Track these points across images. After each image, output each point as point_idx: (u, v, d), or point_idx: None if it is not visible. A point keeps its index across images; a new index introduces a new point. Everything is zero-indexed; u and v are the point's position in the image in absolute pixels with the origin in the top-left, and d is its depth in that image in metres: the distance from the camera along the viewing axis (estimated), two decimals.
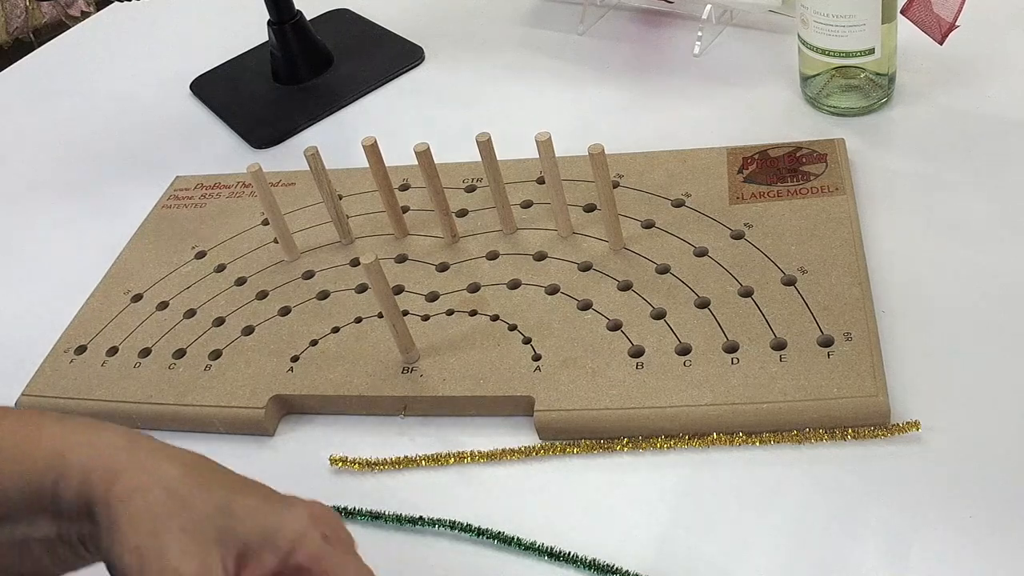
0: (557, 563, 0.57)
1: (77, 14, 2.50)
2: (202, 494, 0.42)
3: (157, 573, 0.39)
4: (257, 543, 0.42)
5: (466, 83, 0.97)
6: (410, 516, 0.60)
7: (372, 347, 0.69)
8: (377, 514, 0.61)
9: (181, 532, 0.40)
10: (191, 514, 0.41)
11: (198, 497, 0.41)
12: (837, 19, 0.75)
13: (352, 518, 0.61)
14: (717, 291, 0.67)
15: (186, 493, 0.41)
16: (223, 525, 0.41)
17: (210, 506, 0.41)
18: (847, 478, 0.57)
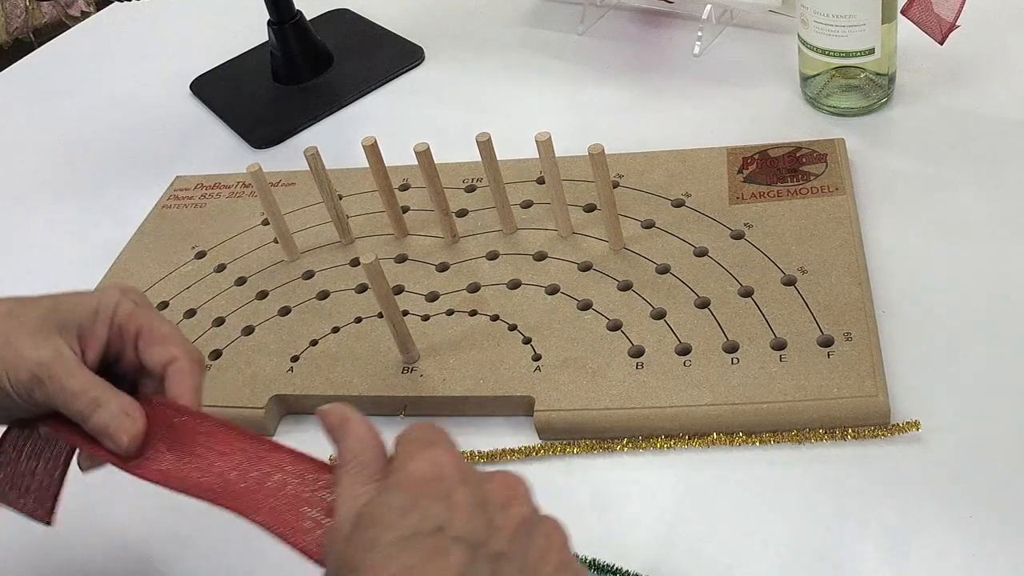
0: None
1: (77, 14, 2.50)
2: (29, 307, 0.51)
3: (20, 371, 0.48)
4: (88, 323, 0.51)
5: (466, 83, 0.97)
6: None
7: (372, 347, 0.69)
8: None
9: (27, 335, 0.49)
10: (28, 320, 0.50)
11: (28, 309, 0.51)
12: (837, 19, 0.75)
13: None
14: (717, 291, 0.67)
15: (18, 310, 0.51)
16: (57, 319, 0.51)
17: (40, 310, 0.51)
18: (847, 478, 0.57)
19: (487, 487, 0.41)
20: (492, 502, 0.40)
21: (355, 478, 0.42)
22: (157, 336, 0.52)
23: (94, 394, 0.49)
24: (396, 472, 0.41)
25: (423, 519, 0.38)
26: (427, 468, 0.40)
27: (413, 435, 0.43)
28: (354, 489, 0.42)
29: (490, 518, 0.39)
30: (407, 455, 0.42)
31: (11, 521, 0.67)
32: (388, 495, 0.40)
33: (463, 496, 0.40)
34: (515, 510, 0.40)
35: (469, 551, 0.38)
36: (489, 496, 0.40)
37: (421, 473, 0.40)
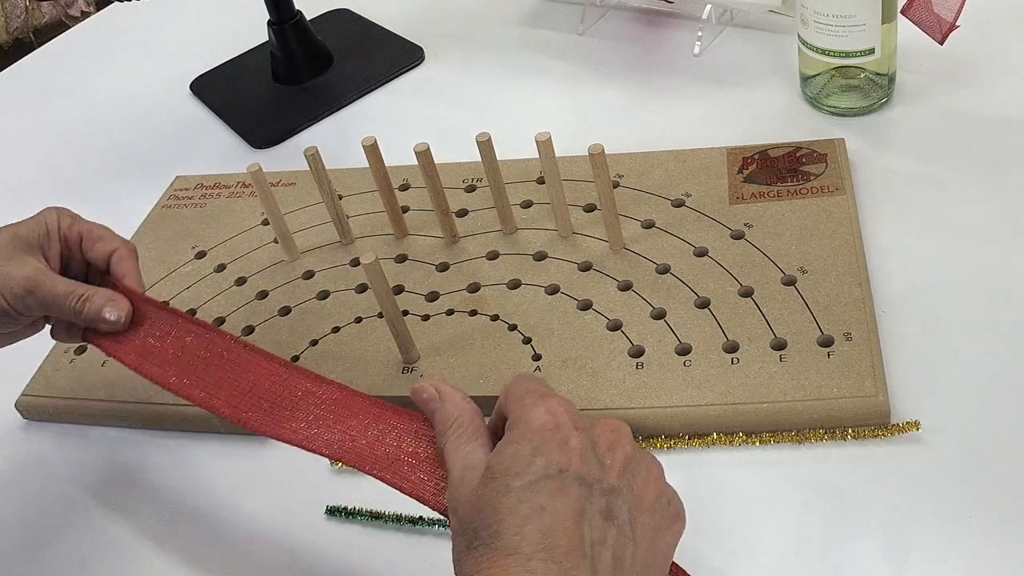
0: None
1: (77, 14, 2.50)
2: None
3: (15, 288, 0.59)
4: (44, 240, 0.62)
5: (466, 83, 0.97)
6: (410, 516, 0.60)
7: (372, 347, 0.69)
8: (377, 514, 0.60)
9: (5, 260, 0.59)
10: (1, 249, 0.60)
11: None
12: (837, 19, 0.75)
13: (352, 518, 0.61)
14: (717, 291, 0.67)
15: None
16: (22, 244, 0.61)
17: (5, 240, 0.61)
18: (847, 478, 0.57)
19: (595, 431, 0.47)
20: (600, 443, 0.46)
21: (460, 438, 0.48)
22: (96, 236, 0.63)
23: (80, 291, 0.60)
24: (519, 424, 0.47)
25: (547, 464, 0.44)
26: (545, 418, 0.46)
27: (525, 387, 0.49)
28: (461, 448, 0.48)
29: (600, 458, 0.46)
30: (526, 407, 0.47)
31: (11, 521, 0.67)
32: (516, 446, 0.45)
33: (577, 441, 0.46)
34: (620, 450, 0.47)
35: (586, 488, 0.44)
36: (598, 439, 0.47)
37: (540, 423, 0.46)
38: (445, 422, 0.49)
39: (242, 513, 0.63)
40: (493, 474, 0.45)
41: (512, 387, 0.50)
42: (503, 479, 0.44)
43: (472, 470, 0.46)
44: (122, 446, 0.69)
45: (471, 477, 0.46)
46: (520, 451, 0.45)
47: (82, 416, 0.71)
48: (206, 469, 0.67)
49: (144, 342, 0.60)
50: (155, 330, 0.61)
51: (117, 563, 0.62)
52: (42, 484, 0.68)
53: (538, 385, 0.49)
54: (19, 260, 0.60)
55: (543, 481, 0.44)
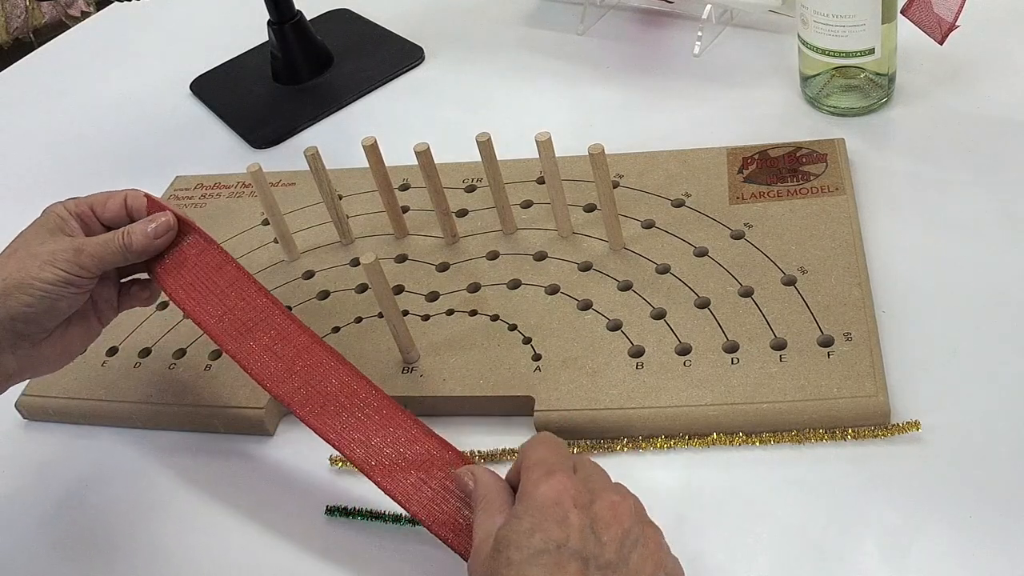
0: None
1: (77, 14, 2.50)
2: (26, 239, 0.62)
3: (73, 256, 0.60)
4: (63, 225, 0.62)
5: (466, 83, 0.97)
6: (410, 516, 0.60)
7: (372, 347, 0.69)
8: (377, 514, 0.60)
9: (45, 244, 0.61)
10: (33, 242, 0.61)
11: (26, 241, 0.62)
12: (837, 19, 0.75)
13: (351, 518, 0.61)
14: (717, 291, 0.67)
15: (20, 245, 0.62)
16: (45, 231, 0.62)
17: (33, 235, 0.62)
18: (847, 478, 0.57)
19: (596, 507, 0.48)
20: (600, 520, 0.48)
21: (485, 512, 0.51)
22: (103, 199, 0.64)
23: (119, 231, 0.62)
24: (523, 499, 0.49)
25: (546, 539, 0.46)
26: (548, 495, 0.48)
27: (538, 455, 0.51)
28: (485, 522, 0.50)
29: (598, 534, 0.47)
30: (532, 482, 0.49)
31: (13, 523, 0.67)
32: (518, 521, 0.48)
33: (576, 518, 0.47)
34: (617, 527, 0.48)
35: (583, 563, 0.46)
36: (597, 515, 0.48)
37: (543, 500, 0.48)
38: (477, 499, 0.52)
39: (241, 513, 0.63)
40: (498, 546, 0.47)
41: (528, 451, 0.52)
42: (505, 552, 0.47)
43: (489, 539, 0.49)
44: (122, 446, 0.69)
45: (486, 547, 0.49)
46: (520, 526, 0.47)
47: (82, 416, 0.71)
48: (206, 469, 0.67)
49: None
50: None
51: (118, 563, 0.62)
52: (42, 484, 0.68)
53: (551, 453, 0.51)
54: (53, 238, 0.61)
55: (541, 555, 0.46)
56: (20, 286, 0.59)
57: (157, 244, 0.63)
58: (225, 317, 0.62)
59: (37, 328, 0.60)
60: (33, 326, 0.60)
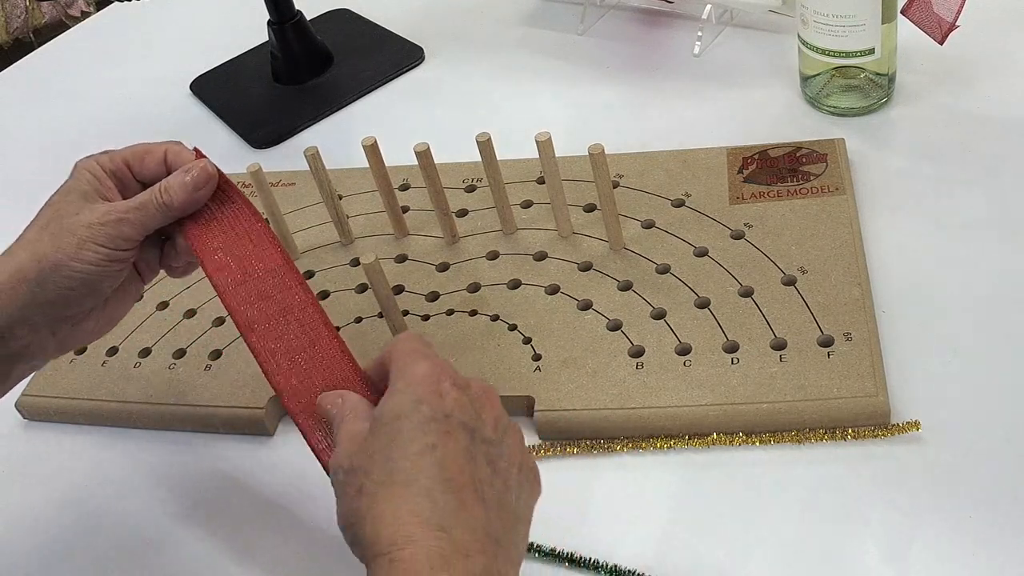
0: (557, 562, 0.57)
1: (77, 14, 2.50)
2: (57, 204, 0.58)
3: (113, 223, 0.56)
4: (97, 186, 0.58)
5: (466, 83, 0.97)
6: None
7: (372, 347, 0.69)
8: None
9: (81, 211, 0.56)
10: (70, 209, 0.57)
11: (59, 205, 0.58)
12: (837, 19, 0.75)
13: None
14: (717, 291, 0.67)
15: (59, 205, 0.57)
16: (76, 197, 0.57)
17: (60, 204, 0.58)
18: (847, 478, 0.57)
19: (472, 388, 0.49)
20: (477, 400, 0.49)
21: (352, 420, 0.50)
22: (140, 152, 0.59)
23: (155, 189, 0.57)
24: (401, 377, 0.49)
25: (432, 409, 0.47)
26: (427, 369, 0.48)
27: (410, 345, 0.51)
28: (353, 425, 0.49)
29: (478, 411, 0.48)
30: (408, 361, 0.49)
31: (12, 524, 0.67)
32: (401, 395, 0.47)
33: (456, 392, 0.48)
34: (492, 408, 0.49)
35: (469, 433, 0.47)
36: (475, 394, 0.49)
37: (423, 373, 0.48)
38: (344, 413, 0.51)
39: (243, 513, 0.63)
40: (382, 422, 0.47)
41: (397, 344, 0.52)
42: (392, 423, 0.46)
43: (356, 437, 0.48)
44: (122, 446, 0.69)
45: (358, 435, 0.48)
46: (405, 399, 0.47)
47: (82, 416, 0.71)
48: (206, 469, 0.67)
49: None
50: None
51: (118, 564, 0.62)
52: (42, 484, 0.68)
53: (421, 345, 0.51)
54: (90, 206, 0.56)
55: (431, 423, 0.46)
56: (57, 268, 0.54)
57: (198, 197, 0.58)
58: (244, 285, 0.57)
59: (78, 309, 0.57)
60: (74, 307, 0.56)
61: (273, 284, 0.57)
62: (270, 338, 0.55)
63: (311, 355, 0.55)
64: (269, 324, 0.56)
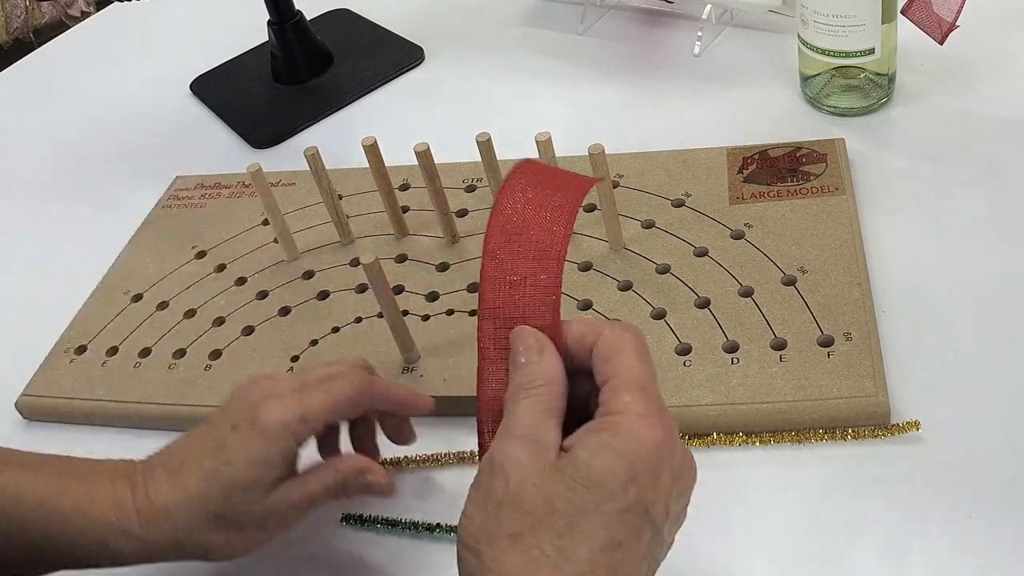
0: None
1: (77, 14, 2.50)
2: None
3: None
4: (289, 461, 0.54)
5: (466, 83, 0.97)
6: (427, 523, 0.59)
7: (372, 347, 0.69)
8: (392, 521, 0.60)
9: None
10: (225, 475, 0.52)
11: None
12: (837, 19, 0.75)
13: (367, 525, 0.61)
14: (717, 291, 0.67)
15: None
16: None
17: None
18: (847, 478, 0.57)
19: (680, 466, 0.43)
20: (678, 484, 0.43)
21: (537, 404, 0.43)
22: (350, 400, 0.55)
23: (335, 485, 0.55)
24: (624, 433, 0.42)
25: (641, 496, 0.41)
26: (659, 441, 0.42)
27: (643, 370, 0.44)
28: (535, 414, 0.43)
29: (669, 506, 0.43)
30: (637, 411, 0.42)
31: None
32: (615, 461, 0.41)
33: (667, 479, 0.42)
34: (683, 500, 0.44)
35: (653, 534, 0.42)
36: (679, 480, 0.43)
37: (652, 446, 0.42)
38: (531, 378, 0.44)
39: None
40: (578, 477, 0.41)
41: (630, 357, 0.44)
42: (592, 491, 0.40)
43: (541, 447, 0.42)
44: (122, 446, 0.69)
45: (537, 455, 0.42)
46: (620, 469, 0.41)
47: (82, 416, 0.71)
48: None
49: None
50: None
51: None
52: None
53: (647, 371, 0.44)
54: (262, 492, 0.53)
55: (628, 514, 0.41)
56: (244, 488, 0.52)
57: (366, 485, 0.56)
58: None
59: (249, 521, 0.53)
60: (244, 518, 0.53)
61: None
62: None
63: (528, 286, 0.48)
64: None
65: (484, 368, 0.47)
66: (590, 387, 0.46)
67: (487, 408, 0.46)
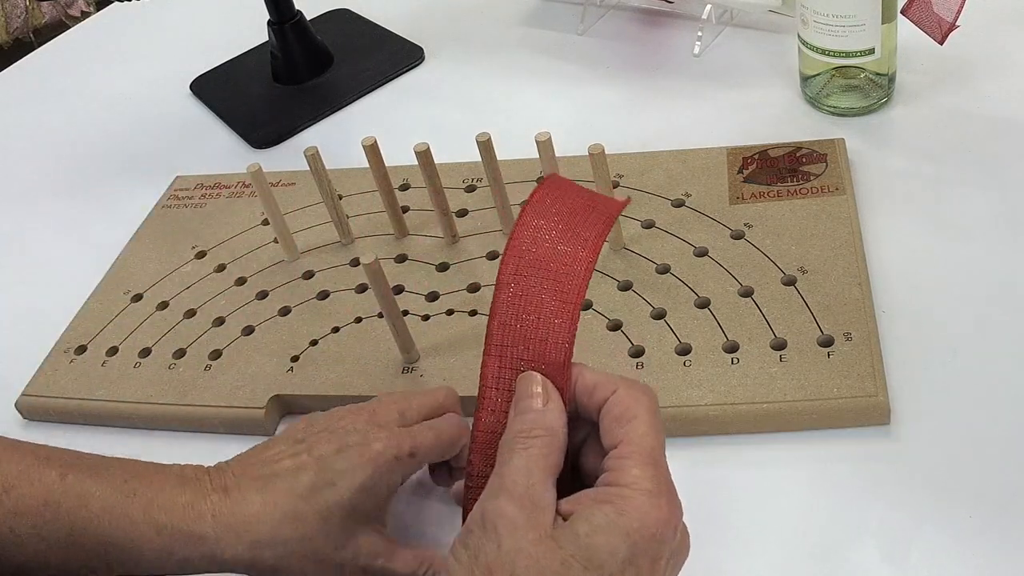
0: None
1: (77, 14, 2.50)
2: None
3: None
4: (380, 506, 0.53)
5: (466, 83, 0.97)
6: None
7: (372, 347, 0.69)
8: None
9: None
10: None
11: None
12: (837, 19, 0.75)
13: None
14: (717, 291, 0.67)
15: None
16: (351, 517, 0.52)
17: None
18: (847, 478, 0.57)
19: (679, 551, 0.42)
20: (672, 564, 0.42)
21: (535, 458, 0.42)
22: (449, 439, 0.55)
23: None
24: (632, 513, 0.40)
25: (639, 569, 0.39)
26: (657, 522, 0.40)
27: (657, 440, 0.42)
28: (531, 469, 0.42)
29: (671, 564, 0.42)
30: (645, 486, 0.41)
31: None
32: (615, 540, 0.39)
33: (664, 563, 0.41)
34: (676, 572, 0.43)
35: None
36: (675, 557, 0.42)
37: (653, 529, 0.40)
38: (532, 427, 0.43)
39: None
40: (577, 556, 0.39)
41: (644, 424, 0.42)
42: (591, 572, 0.39)
43: (538, 510, 0.40)
44: (122, 446, 0.69)
45: (534, 518, 0.40)
46: (619, 551, 0.39)
47: (82, 416, 0.71)
48: None
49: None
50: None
51: None
52: None
53: (659, 442, 0.42)
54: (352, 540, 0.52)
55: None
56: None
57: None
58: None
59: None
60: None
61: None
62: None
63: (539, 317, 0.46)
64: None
65: (483, 405, 0.45)
66: (585, 434, 0.45)
67: (480, 443, 0.45)
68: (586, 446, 0.45)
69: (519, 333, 0.45)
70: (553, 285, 0.46)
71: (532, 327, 0.45)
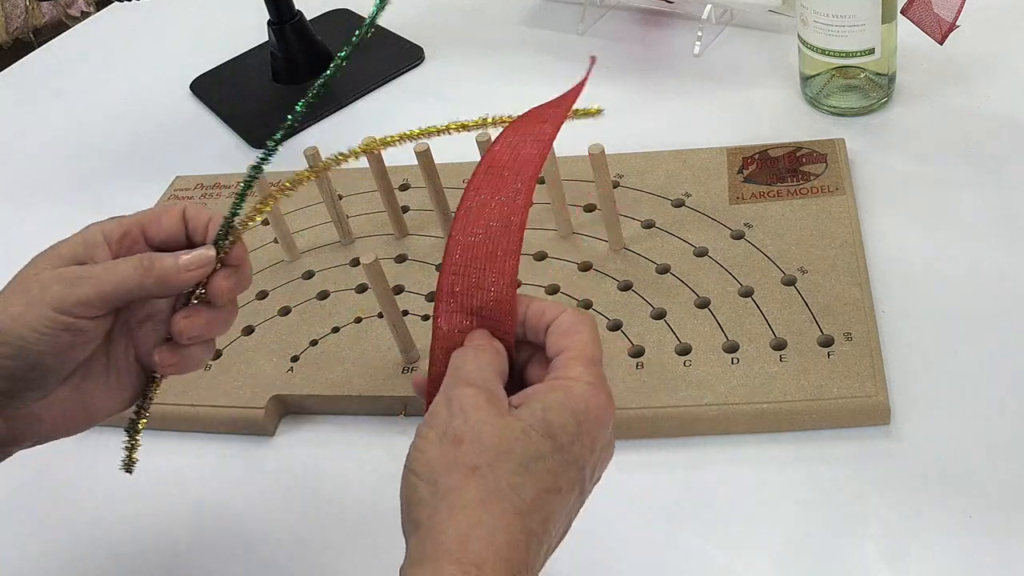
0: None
1: (77, 14, 2.50)
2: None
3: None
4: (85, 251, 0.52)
5: (466, 83, 0.97)
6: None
7: (372, 347, 0.69)
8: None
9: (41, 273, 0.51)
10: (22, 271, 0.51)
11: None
12: (837, 19, 0.75)
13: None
14: (717, 291, 0.67)
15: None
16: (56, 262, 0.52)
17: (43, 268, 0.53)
18: (847, 478, 0.57)
19: (609, 447, 0.46)
20: (604, 457, 0.46)
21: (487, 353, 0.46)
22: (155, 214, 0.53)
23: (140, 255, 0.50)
24: (573, 396, 0.44)
25: (580, 455, 0.44)
26: (599, 411, 0.45)
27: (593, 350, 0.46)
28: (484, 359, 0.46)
29: (596, 473, 0.46)
30: (587, 383, 0.45)
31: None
32: (569, 417, 0.44)
33: (600, 449, 0.45)
34: (599, 475, 0.46)
35: (580, 492, 0.44)
36: (606, 452, 0.46)
37: (595, 413, 0.44)
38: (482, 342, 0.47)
39: (243, 513, 0.63)
40: (534, 426, 0.43)
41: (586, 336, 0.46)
42: (547, 440, 0.43)
43: (496, 398, 0.44)
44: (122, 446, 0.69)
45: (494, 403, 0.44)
46: (568, 427, 0.43)
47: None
48: (207, 469, 0.67)
49: None
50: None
51: (118, 564, 0.62)
52: (41, 485, 0.68)
53: (598, 349, 0.47)
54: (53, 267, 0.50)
55: (571, 467, 0.43)
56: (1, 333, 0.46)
57: (185, 278, 0.50)
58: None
59: (24, 387, 0.48)
60: (19, 384, 0.48)
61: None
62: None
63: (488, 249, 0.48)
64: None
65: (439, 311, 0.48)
66: (529, 355, 0.48)
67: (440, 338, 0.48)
68: (530, 365, 0.49)
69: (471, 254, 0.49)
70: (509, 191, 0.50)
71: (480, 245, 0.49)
